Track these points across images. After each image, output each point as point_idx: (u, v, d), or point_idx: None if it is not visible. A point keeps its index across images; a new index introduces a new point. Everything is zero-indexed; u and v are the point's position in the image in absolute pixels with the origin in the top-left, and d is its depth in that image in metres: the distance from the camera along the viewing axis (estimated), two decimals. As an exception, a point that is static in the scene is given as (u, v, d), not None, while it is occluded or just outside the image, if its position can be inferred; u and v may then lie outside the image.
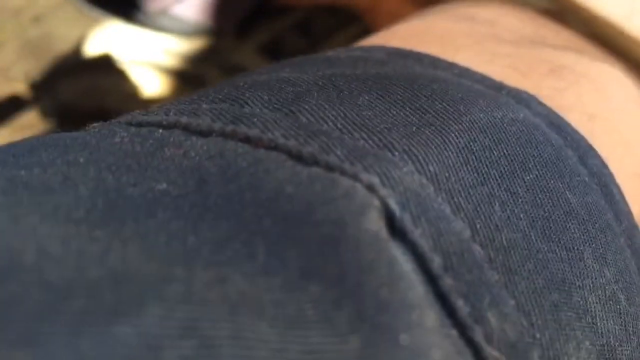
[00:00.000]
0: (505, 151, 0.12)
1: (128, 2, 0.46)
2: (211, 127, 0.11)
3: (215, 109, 0.11)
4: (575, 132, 0.14)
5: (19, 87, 0.68)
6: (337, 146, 0.11)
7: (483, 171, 0.12)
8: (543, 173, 0.13)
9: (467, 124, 0.12)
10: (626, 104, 0.17)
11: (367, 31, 0.51)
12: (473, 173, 0.12)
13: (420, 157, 0.11)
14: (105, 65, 0.54)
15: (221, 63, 0.47)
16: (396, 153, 0.11)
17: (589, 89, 0.16)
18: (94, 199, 0.10)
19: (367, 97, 0.12)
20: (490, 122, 0.13)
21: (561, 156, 0.13)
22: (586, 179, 0.14)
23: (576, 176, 0.13)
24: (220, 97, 0.12)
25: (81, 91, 0.57)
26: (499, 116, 0.13)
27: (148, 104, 0.52)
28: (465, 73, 0.15)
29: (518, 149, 0.13)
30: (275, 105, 0.12)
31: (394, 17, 0.45)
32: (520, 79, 0.15)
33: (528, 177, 0.12)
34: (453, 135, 0.12)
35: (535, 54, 0.17)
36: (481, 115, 0.13)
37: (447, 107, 0.13)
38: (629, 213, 0.15)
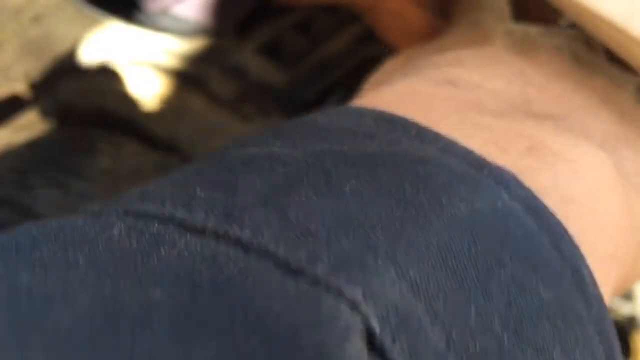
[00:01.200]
0: (483, 247, 0.13)
1: (128, 2, 0.46)
2: (205, 226, 0.11)
3: (209, 199, 0.12)
4: (551, 215, 0.15)
5: (18, 87, 0.69)
6: (324, 253, 0.11)
7: (461, 273, 0.12)
8: (518, 267, 0.13)
9: (448, 219, 0.13)
10: (601, 184, 0.17)
11: (368, 31, 0.51)
12: (452, 276, 0.12)
13: (402, 262, 0.12)
14: (105, 65, 0.54)
15: (221, 63, 0.47)
16: (379, 260, 0.11)
17: (565, 170, 0.16)
18: (93, 312, 0.10)
19: (354, 184, 0.13)
20: (471, 215, 0.13)
21: (535, 245, 0.14)
22: (558, 266, 0.14)
23: (549, 266, 0.14)
24: (214, 179, 0.13)
25: (81, 91, 0.57)
26: (479, 207, 0.13)
27: (149, 104, 0.52)
28: (449, 148, 0.15)
29: (495, 244, 0.13)
30: (266, 196, 0.12)
31: (395, 17, 0.45)
32: (500, 155, 0.16)
33: (503, 274, 0.13)
34: (434, 233, 0.12)
35: (516, 128, 0.17)
36: (462, 207, 0.13)
37: (431, 198, 0.13)
38: (599, 297, 0.15)
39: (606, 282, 0.16)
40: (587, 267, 0.15)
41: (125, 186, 0.53)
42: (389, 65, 0.25)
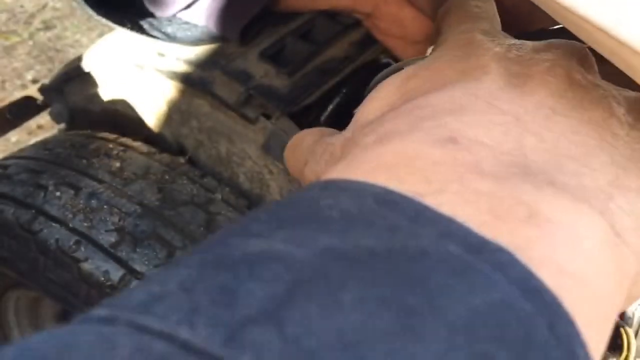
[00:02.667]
0: (477, 349, 0.13)
1: (136, 8, 0.47)
2: (206, 349, 0.11)
3: (212, 314, 0.12)
4: (548, 294, 0.15)
5: (31, 91, 0.70)
6: None
7: None
8: None
9: (445, 325, 0.13)
10: (596, 251, 0.17)
11: (368, 37, 0.52)
12: None
13: None
14: (114, 69, 0.55)
15: (226, 68, 0.48)
16: None
17: (561, 240, 0.16)
18: None
19: (355, 292, 0.13)
20: (467, 317, 0.13)
21: (530, 331, 0.14)
22: (553, 349, 0.14)
23: (543, 351, 0.14)
24: (217, 285, 0.13)
25: (90, 95, 0.58)
26: (475, 304, 0.14)
27: (157, 108, 0.53)
28: (447, 231, 0.15)
29: (491, 343, 0.13)
30: (267, 308, 0.12)
31: (394, 22, 0.46)
32: (498, 226, 0.16)
33: None
34: (432, 343, 0.13)
35: (515, 194, 0.17)
36: (458, 307, 0.13)
37: (428, 303, 0.13)
38: None
39: (599, 347, 0.16)
40: (582, 345, 0.15)
41: (133, 186, 0.53)
42: (386, 92, 0.24)
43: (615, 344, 0.43)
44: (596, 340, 0.16)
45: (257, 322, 0.12)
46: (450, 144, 0.19)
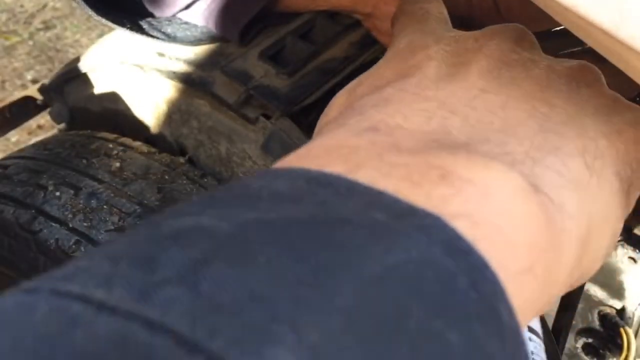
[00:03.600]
0: (390, 302, 0.14)
1: (136, 9, 0.47)
2: (119, 307, 0.12)
3: (130, 276, 0.13)
4: (471, 252, 0.16)
5: (31, 91, 0.70)
6: (225, 327, 0.12)
7: (366, 333, 0.13)
8: (426, 316, 0.14)
9: (358, 281, 0.14)
10: (510, 204, 0.18)
11: (368, 37, 0.52)
12: (355, 335, 0.13)
13: (303, 329, 0.12)
14: (114, 70, 0.55)
15: (226, 68, 0.48)
16: (280, 329, 0.12)
17: (474, 194, 0.17)
18: None
19: (271, 254, 0.14)
20: (381, 273, 0.14)
21: (450, 289, 0.15)
22: (473, 307, 0.15)
23: (463, 308, 0.14)
24: (141, 253, 0.14)
25: (90, 95, 0.58)
26: (391, 262, 0.14)
27: (157, 108, 0.53)
28: (374, 201, 0.16)
29: (404, 296, 0.14)
30: (184, 270, 0.13)
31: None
32: (414, 189, 0.17)
33: (411, 324, 0.13)
34: (341, 297, 0.13)
35: (429, 161, 0.18)
36: (374, 266, 0.14)
37: (343, 261, 0.14)
38: (515, 328, 0.15)
39: (519, 296, 0.17)
40: (505, 301, 0.16)
41: (133, 186, 0.54)
42: (337, 102, 0.25)
43: (615, 343, 0.43)
44: (517, 291, 0.16)
45: (172, 282, 0.13)
46: (370, 132, 0.20)
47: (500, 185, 0.18)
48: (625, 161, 0.23)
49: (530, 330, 0.26)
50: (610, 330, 0.42)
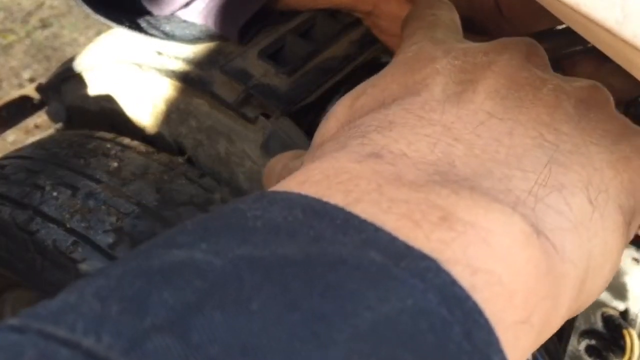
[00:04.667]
0: (383, 354, 0.13)
1: (134, 7, 0.47)
2: (107, 357, 0.12)
3: (119, 321, 0.12)
4: (466, 300, 0.15)
5: (27, 89, 0.70)
6: None
7: None
8: None
9: (351, 332, 0.13)
10: (511, 250, 0.17)
11: (368, 36, 0.51)
12: None
13: None
14: (112, 68, 0.55)
15: (225, 67, 0.47)
16: None
17: (475, 240, 0.17)
18: None
19: (264, 299, 0.13)
20: (375, 323, 0.14)
21: (444, 340, 0.14)
22: (467, 358, 0.14)
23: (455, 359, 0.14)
24: (131, 293, 0.13)
25: (88, 94, 0.58)
26: (386, 312, 0.14)
27: (155, 107, 0.53)
28: (371, 239, 0.16)
29: (397, 348, 0.14)
30: (175, 315, 0.13)
31: (393, 20, 0.46)
32: (413, 230, 0.16)
33: None
34: (334, 348, 0.13)
35: (431, 199, 0.17)
36: (368, 315, 0.14)
37: (337, 309, 0.14)
38: None
39: (516, 346, 0.17)
40: (499, 351, 0.15)
41: (131, 186, 0.53)
42: (339, 112, 0.25)
43: (619, 345, 0.42)
44: (507, 343, 0.16)
45: (162, 330, 0.12)
46: (372, 159, 0.19)
47: (502, 230, 0.17)
48: (629, 191, 0.22)
49: None
50: (613, 332, 0.42)
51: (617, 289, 0.44)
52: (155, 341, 0.12)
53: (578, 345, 0.41)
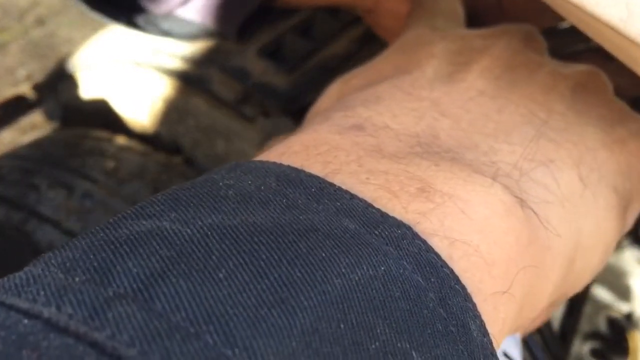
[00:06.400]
0: (354, 321, 0.13)
1: (132, 5, 0.46)
2: (68, 326, 0.12)
3: (81, 291, 0.12)
4: (441, 268, 0.15)
5: (23, 88, 0.69)
6: (177, 354, 0.11)
7: (326, 353, 0.12)
8: (391, 336, 0.13)
9: (320, 298, 0.13)
10: (490, 222, 0.17)
11: (369, 33, 0.51)
12: (315, 357, 0.12)
13: (260, 351, 0.12)
14: (108, 67, 0.54)
15: (224, 65, 0.47)
16: (236, 349, 0.12)
17: (452, 211, 0.16)
18: None
19: (231, 266, 0.13)
20: (346, 289, 0.13)
21: (418, 307, 0.14)
22: (441, 324, 0.14)
23: (430, 326, 0.14)
24: (95, 262, 0.13)
25: (85, 93, 0.58)
26: (357, 278, 0.14)
27: (153, 106, 0.52)
28: (346, 207, 0.15)
29: (368, 314, 0.13)
30: (139, 284, 0.12)
31: (394, 18, 0.45)
32: (390, 200, 0.16)
33: (373, 346, 0.13)
34: (301, 315, 0.13)
35: (410, 171, 0.17)
36: (338, 281, 0.13)
37: (306, 276, 0.13)
38: (486, 345, 0.15)
39: (496, 317, 0.16)
40: (476, 317, 0.15)
41: (129, 186, 0.53)
42: (331, 92, 0.24)
43: (622, 347, 0.42)
44: (487, 313, 0.16)
45: (125, 299, 0.12)
46: (354, 130, 0.19)
47: (481, 201, 0.17)
48: (625, 175, 0.22)
49: (506, 356, 0.25)
50: (617, 334, 0.41)
51: (621, 291, 0.43)
52: (118, 309, 0.12)
53: (582, 347, 0.41)
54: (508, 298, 0.17)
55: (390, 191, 0.17)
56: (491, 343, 0.15)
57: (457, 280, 0.15)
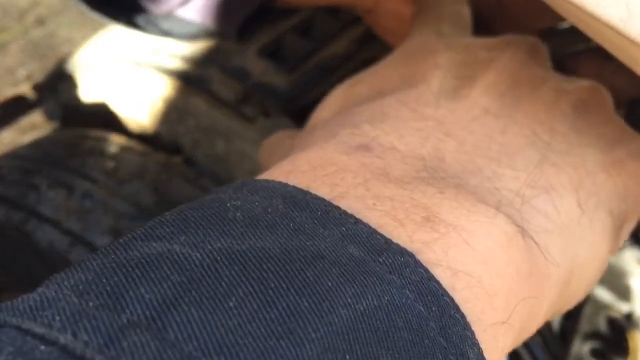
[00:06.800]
0: (358, 352, 0.13)
1: (132, 4, 0.46)
2: (84, 354, 0.12)
3: (96, 319, 0.12)
4: (443, 297, 0.15)
5: (23, 88, 0.69)
6: None
7: None
8: None
9: (327, 329, 0.13)
10: (492, 252, 0.17)
11: (368, 33, 0.51)
12: None
13: None
14: (108, 67, 0.54)
15: (224, 65, 0.47)
16: None
17: (456, 242, 0.17)
18: None
19: (241, 293, 0.13)
20: (352, 320, 0.14)
21: (419, 336, 0.14)
22: (442, 353, 0.14)
23: (430, 356, 0.14)
24: (108, 287, 0.13)
25: (84, 93, 0.57)
26: (361, 309, 0.14)
27: (152, 106, 0.52)
28: (351, 232, 0.16)
29: (372, 345, 0.14)
30: (152, 312, 0.13)
31: (394, 18, 0.45)
32: (396, 228, 0.16)
33: None
34: (309, 346, 0.13)
35: (416, 198, 0.17)
36: (344, 312, 0.14)
37: (313, 305, 0.14)
38: None
39: (494, 346, 0.17)
40: (474, 344, 0.15)
41: (129, 186, 0.53)
42: (335, 97, 0.24)
43: (623, 348, 0.42)
44: (486, 343, 0.16)
45: (139, 327, 0.12)
46: (361, 151, 0.19)
47: (484, 232, 0.17)
48: (622, 197, 0.22)
49: None
50: (617, 334, 0.41)
51: (621, 291, 0.43)
52: (132, 338, 0.12)
53: (582, 347, 0.41)
54: (507, 328, 0.17)
55: (396, 219, 0.17)
56: None
57: (457, 309, 0.15)
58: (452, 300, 0.15)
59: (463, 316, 0.16)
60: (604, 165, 0.21)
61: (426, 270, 0.15)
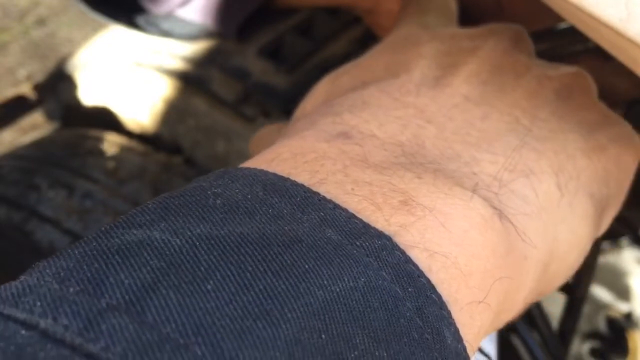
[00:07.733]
0: (334, 332, 0.14)
1: (132, 5, 0.46)
2: (64, 338, 0.12)
3: (75, 303, 0.13)
4: (419, 278, 0.16)
5: (24, 88, 0.69)
6: None
7: None
8: (369, 345, 0.14)
9: (303, 309, 0.14)
10: (468, 234, 0.17)
11: (368, 33, 0.51)
12: None
13: None
14: (109, 67, 0.54)
15: (224, 65, 0.47)
16: None
17: (433, 225, 0.17)
18: None
19: (219, 277, 0.14)
20: (327, 301, 0.14)
21: (395, 316, 0.15)
22: (417, 333, 0.15)
23: (407, 335, 0.15)
24: (88, 273, 0.13)
25: (85, 93, 0.57)
26: (337, 290, 0.14)
27: (153, 106, 0.52)
28: (329, 217, 0.16)
29: (348, 325, 0.14)
30: (131, 296, 0.13)
31: (394, 17, 0.45)
32: (373, 212, 0.17)
33: (352, 355, 0.14)
34: (285, 326, 0.13)
35: (393, 182, 0.18)
36: (320, 293, 0.14)
37: (289, 287, 0.14)
38: (459, 351, 0.16)
39: (471, 325, 0.17)
40: (450, 324, 0.16)
41: (129, 186, 0.53)
42: (320, 90, 0.25)
43: (622, 347, 0.42)
44: (463, 322, 0.17)
45: (117, 310, 0.13)
46: (341, 138, 0.19)
47: (460, 214, 0.18)
48: (603, 181, 0.22)
49: (481, 352, 0.25)
50: (616, 334, 0.41)
51: (621, 290, 0.43)
52: (110, 321, 0.12)
53: (581, 347, 0.41)
54: (484, 307, 0.17)
55: (373, 203, 0.17)
56: (465, 350, 0.16)
57: (433, 289, 0.16)
58: (428, 281, 0.16)
59: (439, 297, 0.16)
60: (585, 150, 0.22)
61: (403, 253, 0.16)
